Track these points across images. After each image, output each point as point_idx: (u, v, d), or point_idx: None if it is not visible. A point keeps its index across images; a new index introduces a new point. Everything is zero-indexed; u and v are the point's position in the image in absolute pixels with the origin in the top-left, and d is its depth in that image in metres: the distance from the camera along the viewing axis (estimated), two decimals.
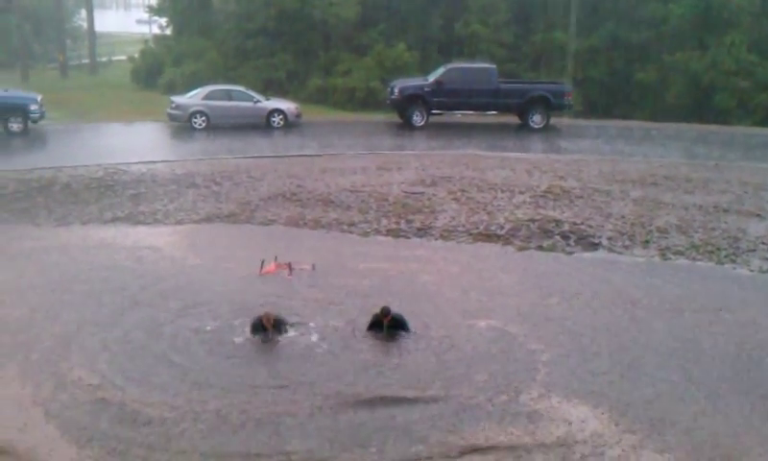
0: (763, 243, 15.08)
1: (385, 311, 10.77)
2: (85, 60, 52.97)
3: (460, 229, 15.88)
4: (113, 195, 18.42)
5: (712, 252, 14.66)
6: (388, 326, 10.76)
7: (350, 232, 15.79)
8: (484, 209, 17.16)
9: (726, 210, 17.35)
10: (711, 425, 8.69)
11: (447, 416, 8.77)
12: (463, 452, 8.04)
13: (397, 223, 16.24)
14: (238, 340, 10.61)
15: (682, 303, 12.17)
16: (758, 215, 16.98)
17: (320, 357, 10.22)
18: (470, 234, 15.58)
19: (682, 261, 14.28)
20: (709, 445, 8.30)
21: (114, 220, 16.44)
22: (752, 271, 13.80)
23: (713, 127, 30.55)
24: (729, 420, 8.82)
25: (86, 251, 14.38)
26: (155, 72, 42.11)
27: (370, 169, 21.16)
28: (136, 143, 26.32)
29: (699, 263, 14.17)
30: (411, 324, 10.95)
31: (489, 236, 15.48)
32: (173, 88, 35.50)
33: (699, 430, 8.57)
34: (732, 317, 11.68)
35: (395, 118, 29.98)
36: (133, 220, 16.43)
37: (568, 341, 10.77)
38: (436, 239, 15.37)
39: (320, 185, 19.26)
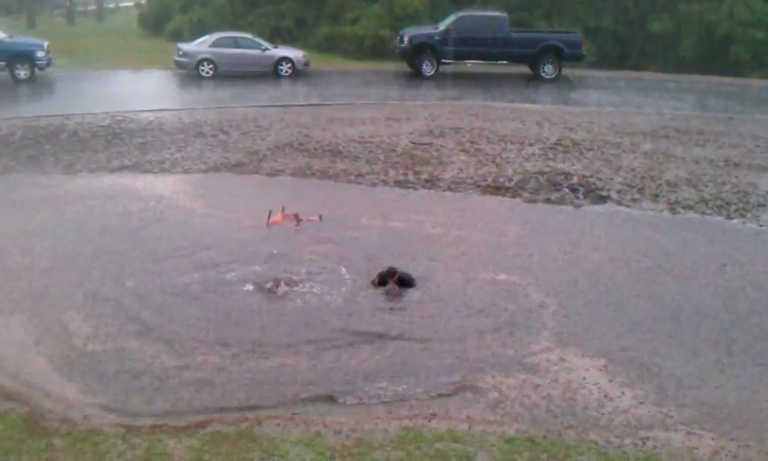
0: None
1: (391, 272, 10.79)
2: (92, 7, 52.63)
3: (468, 181, 15.80)
4: (121, 143, 18.39)
5: (722, 206, 14.57)
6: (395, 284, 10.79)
7: (358, 183, 15.73)
8: (493, 161, 17.06)
9: (737, 164, 17.20)
10: (702, 378, 8.71)
11: (450, 368, 8.81)
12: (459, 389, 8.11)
13: (405, 174, 16.16)
14: (247, 289, 10.64)
15: (689, 257, 12.12)
16: None
17: (323, 311, 10.22)
18: (479, 186, 15.49)
19: (691, 215, 14.20)
20: (710, 401, 8.34)
21: (122, 168, 16.43)
22: (761, 226, 13.71)
23: (727, 79, 30.20)
24: (729, 377, 8.83)
25: (94, 199, 14.38)
26: (162, 19, 41.79)
27: (378, 119, 21.02)
28: (143, 91, 26.22)
29: (708, 217, 14.09)
30: (416, 278, 10.98)
31: (497, 188, 15.40)
32: (180, 35, 35.26)
33: (686, 377, 8.61)
34: (737, 272, 11.63)
35: (404, 67, 29.74)
36: (141, 168, 16.41)
37: (575, 294, 10.76)
38: (444, 191, 15.31)
39: (327, 135, 19.16)
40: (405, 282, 10.84)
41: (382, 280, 10.84)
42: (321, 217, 13.36)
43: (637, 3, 37.72)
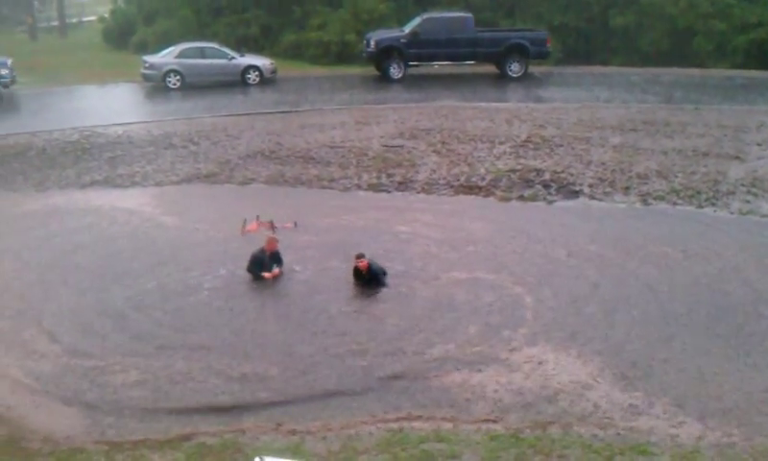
0: (743, 185, 15.16)
1: (359, 255, 10.99)
2: (55, 22, 51.84)
3: (441, 181, 15.84)
4: (90, 158, 18.19)
5: (692, 196, 14.73)
6: (367, 277, 10.90)
7: (331, 188, 15.72)
8: (464, 161, 17.11)
9: (705, 154, 17.38)
10: (679, 364, 8.84)
11: (431, 367, 8.87)
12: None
13: (378, 177, 16.16)
14: (216, 304, 10.62)
15: (661, 248, 12.28)
16: (737, 158, 17.02)
17: (300, 314, 10.26)
18: (452, 187, 15.54)
19: (662, 206, 14.35)
20: (679, 386, 8.45)
21: (92, 183, 16.27)
22: (731, 213, 13.89)
23: (692, 70, 30.49)
24: (705, 362, 8.98)
25: (65, 215, 14.25)
26: (126, 32, 41.31)
27: (348, 124, 20.98)
28: (111, 105, 25.92)
29: (679, 208, 14.26)
30: (389, 277, 11.12)
31: (470, 188, 15.46)
32: (145, 48, 34.89)
33: (660, 367, 8.75)
34: (709, 260, 11.81)
35: (371, 71, 29.69)
36: (112, 183, 16.26)
37: (552, 290, 10.86)
38: (418, 193, 15.34)
39: (299, 142, 19.09)
40: (375, 275, 10.99)
41: (356, 272, 11.03)
42: (296, 224, 13.33)
43: None
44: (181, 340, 9.58)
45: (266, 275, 11.21)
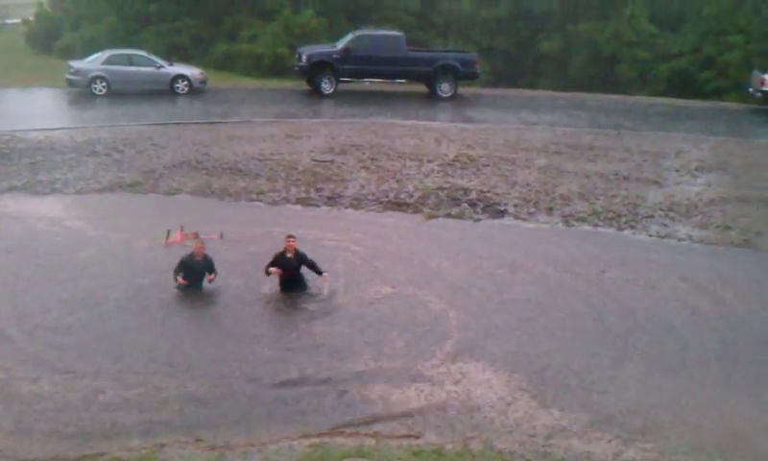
0: (661, 209, 15.64)
1: (290, 235, 11.18)
2: None
3: (370, 197, 15.89)
4: (9, 163, 17.62)
5: (613, 218, 15.12)
6: (294, 265, 11.03)
7: (259, 201, 15.61)
8: (393, 178, 17.20)
9: (626, 178, 17.88)
10: (593, 381, 9.05)
11: (353, 383, 8.85)
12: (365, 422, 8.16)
13: (307, 191, 16.11)
14: (135, 316, 10.41)
15: (582, 267, 12.57)
16: (656, 182, 17.56)
17: (221, 329, 10.18)
18: (380, 203, 15.61)
19: (584, 227, 14.70)
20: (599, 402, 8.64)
21: (11, 189, 15.77)
22: (650, 236, 14.31)
23: (615, 96, 31.30)
24: (626, 378, 9.20)
25: None
26: (51, 36, 40.31)
27: (278, 137, 20.87)
28: (33, 110, 25.19)
29: (600, 229, 14.61)
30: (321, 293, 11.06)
31: (398, 204, 15.55)
32: (72, 53, 34.08)
33: (581, 385, 8.93)
34: (628, 280, 12.13)
35: (303, 85, 29.62)
36: (31, 189, 15.80)
37: (476, 306, 11.01)
38: (346, 208, 15.36)
39: (227, 153, 18.89)
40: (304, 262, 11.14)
41: (279, 258, 11.06)
42: (221, 235, 13.17)
43: (528, 23, 38.85)
44: (94, 355, 9.34)
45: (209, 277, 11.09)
